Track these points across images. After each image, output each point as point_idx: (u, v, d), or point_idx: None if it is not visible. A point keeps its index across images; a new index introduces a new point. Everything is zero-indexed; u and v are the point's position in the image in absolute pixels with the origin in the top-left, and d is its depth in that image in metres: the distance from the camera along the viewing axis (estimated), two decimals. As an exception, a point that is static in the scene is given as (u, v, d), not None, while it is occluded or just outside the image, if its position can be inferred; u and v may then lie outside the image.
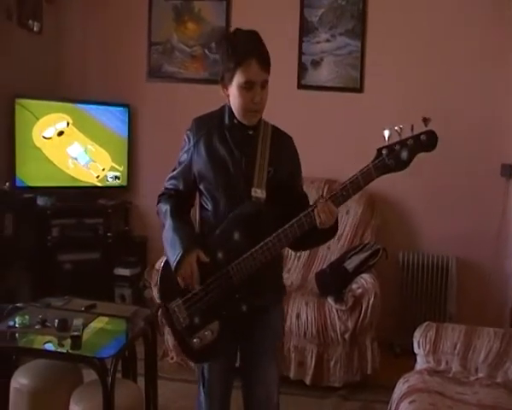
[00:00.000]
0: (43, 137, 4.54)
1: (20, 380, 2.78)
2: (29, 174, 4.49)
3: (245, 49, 2.14)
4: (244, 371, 2.39)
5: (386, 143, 2.01)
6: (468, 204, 4.58)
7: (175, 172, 2.37)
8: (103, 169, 4.80)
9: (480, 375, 2.83)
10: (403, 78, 4.59)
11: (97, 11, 5.03)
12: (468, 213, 4.58)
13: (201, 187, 2.31)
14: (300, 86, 4.81)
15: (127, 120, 4.91)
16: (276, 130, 2.34)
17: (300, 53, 4.78)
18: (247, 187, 2.22)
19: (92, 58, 5.08)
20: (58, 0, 4.95)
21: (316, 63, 4.77)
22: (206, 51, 4.93)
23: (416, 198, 4.66)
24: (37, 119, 4.49)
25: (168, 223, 2.28)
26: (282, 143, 2.33)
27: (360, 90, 4.71)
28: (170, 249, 2.24)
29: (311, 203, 2.19)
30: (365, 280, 3.86)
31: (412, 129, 1.98)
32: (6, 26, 4.32)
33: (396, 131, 2.00)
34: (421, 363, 2.97)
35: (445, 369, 2.88)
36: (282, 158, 2.30)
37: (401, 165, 2.01)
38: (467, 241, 4.54)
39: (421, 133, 1.98)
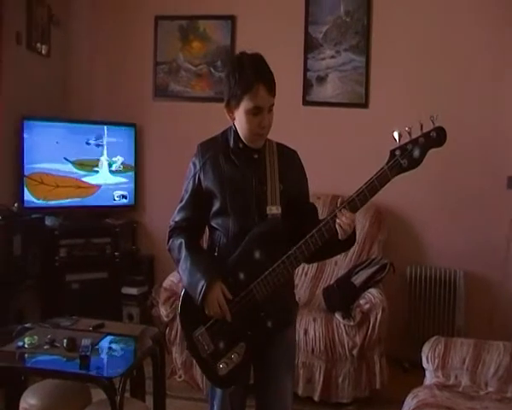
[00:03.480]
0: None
1: (29, 400, 2.78)
2: (37, 195, 4.51)
3: (252, 75, 2.13)
4: (260, 388, 2.35)
5: (398, 144, 2.05)
6: (475, 217, 4.56)
7: (183, 202, 2.34)
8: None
9: (490, 389, 2.81)
10: (408, 92, 4.60)
11: (103, 32, 5.11)
12: (475, 227, 4.56)
13: (212, 208, 2.29)
14: (306, 102, 4.84)
15: (134, 139, 4.95)
16: (280, 147, 2.36)
17: (305, 69, 4.81)
18: (258, 206, 2.23)
19: (99, 79, 5.14)
20: (65, 22, 5.02)
21: (321, 79, 4.80)
22: (212, 70, 4.97)
23: (423, 212, 4.65)
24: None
25: (184, 255, 2.26)
26: (289, 159, 2.35)
27: (365, 105, 4.73)
28: (190, 282, 2.22)
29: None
30: (373, 295, 3.85)
31: (421, 128, 2.03)
32: (15, 50, 4.40)
33: (406, 131, 2.04)
34: (430, 378, 2.95)
35: (455, 384, 2.86)
36: (291, 173, 2.32)
37: (414, 163, 2.05)
38: (474, 254, 4.52)
39: (431, 130, 2.04)
